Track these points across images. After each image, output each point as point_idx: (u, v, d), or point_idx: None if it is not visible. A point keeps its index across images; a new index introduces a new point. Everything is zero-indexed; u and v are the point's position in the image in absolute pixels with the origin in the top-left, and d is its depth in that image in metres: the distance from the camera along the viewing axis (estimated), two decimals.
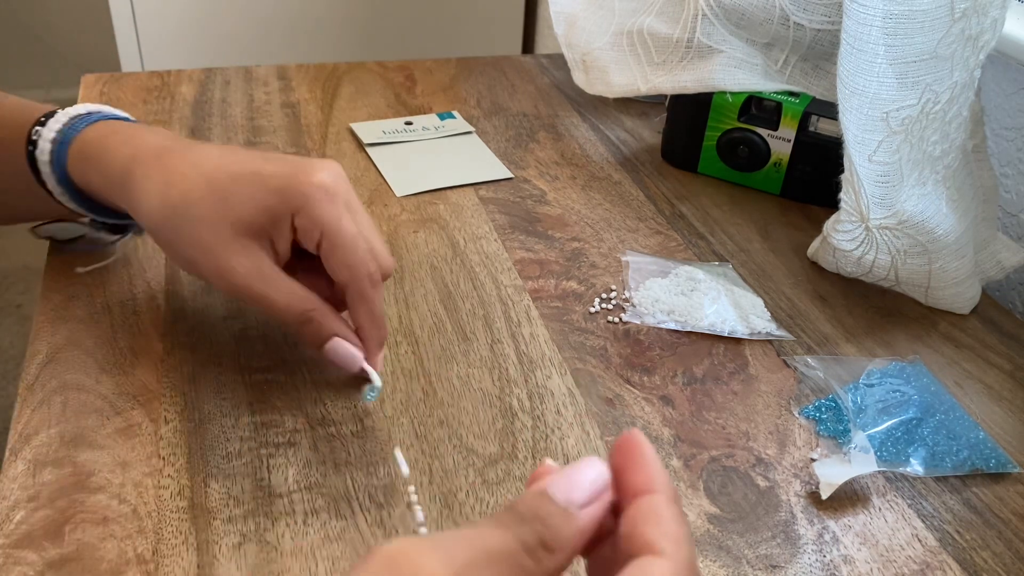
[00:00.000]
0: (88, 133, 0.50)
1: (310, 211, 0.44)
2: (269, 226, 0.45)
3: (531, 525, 0.25)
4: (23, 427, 0.45)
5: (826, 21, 0.69)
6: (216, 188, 0.45)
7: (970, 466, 0.47)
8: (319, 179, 0.44)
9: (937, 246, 0.57)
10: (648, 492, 0.27)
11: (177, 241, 0.46)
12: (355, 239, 0.45)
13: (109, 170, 0.48)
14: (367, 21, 1.47)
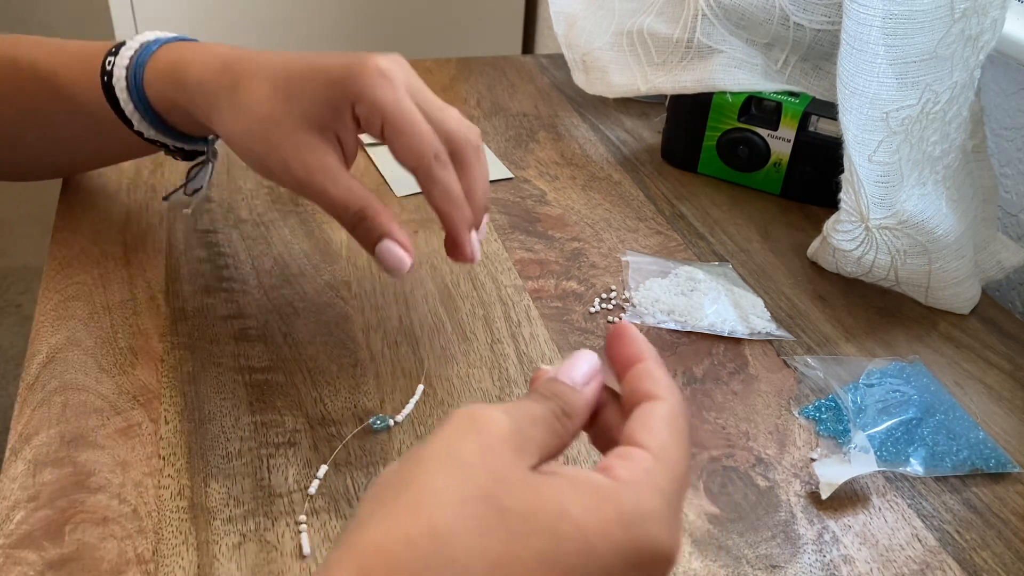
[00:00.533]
0: (161, 53, 0.51)
1: (368, 97, 0.44)
2: (332, 119, 0.45)
3: (554, 400, 0.31)
4: (23, 427, 0.45)
5: (826, 21, 0.69)
6: (279, 88, 0.46)
7: (970, 466, 0.47)
8: (375, 64, 0.44)
9: (937, 246, 0.57)
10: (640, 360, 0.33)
11: (248, 140, 0.46)
12: (416, 121, 0.44)
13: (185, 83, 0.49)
14: (367, 21, 1.47)
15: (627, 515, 0.27)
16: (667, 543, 0.28)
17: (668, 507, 0.28)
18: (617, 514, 0.27)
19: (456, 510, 0.26)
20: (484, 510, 0.26)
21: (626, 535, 0.27)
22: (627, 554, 0.27)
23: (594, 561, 0.27)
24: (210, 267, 0.58)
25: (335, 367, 0.51)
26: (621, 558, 0.27)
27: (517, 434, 0.29)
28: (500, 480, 0.27)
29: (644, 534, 0.27)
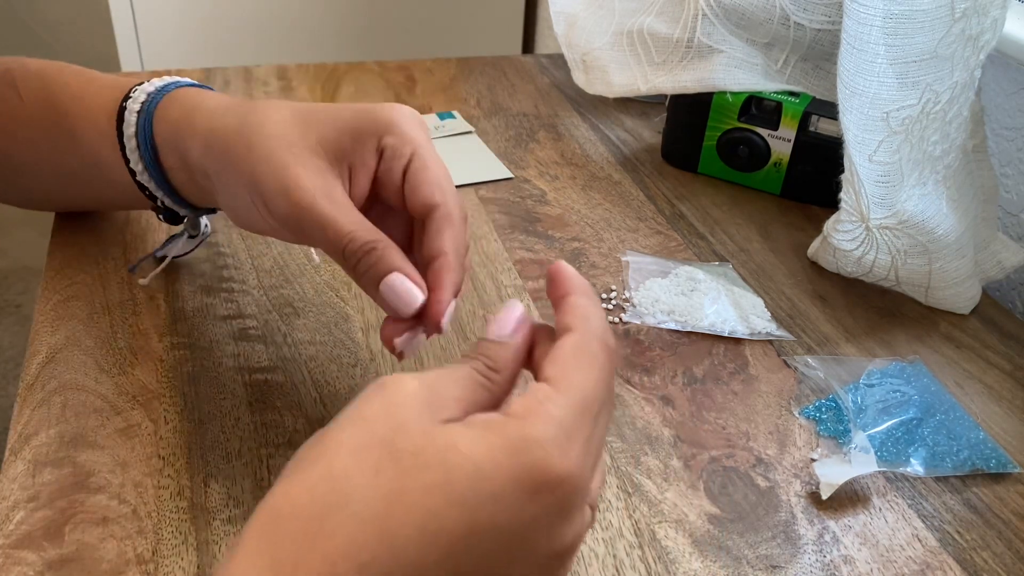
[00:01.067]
0: (172, 98, 0.48)
1: (400, 130, 0.42)
2: (351, 149, 0.42)
3: (479, 358, 0.33)
4: (23, 427, 0.45)
5: (826, 21, 0.69)
6: (298, 112, 0.43)
7: (970, 466, 0.47)
8: (402, 108, 0.43)
9: (937, 246, 0.57)
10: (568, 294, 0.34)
11: (245, 157, 0.42)
12: (442, 163, 0.42)
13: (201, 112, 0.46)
14: (367, 21, 1.47)
15: (513, 442, 0.28)
16: (558, 466, 0.29)
17: (561, 431, 0.29)
18: (503, 441, 0.28)
19: (352, 456, 0.28)
20: (379, 454, 0.28)
21: (513, 461, 0.28)
22: (518, 480, 0.28)
23: (485, 487, 0.28)
24: (210, 267, 0.58)
25: (335, 367, 0.51)
26: (512, 484, 0.28)
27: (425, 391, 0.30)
28: (398, 429, 0.29)
29: (530, 459, 0.28)
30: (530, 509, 0.29)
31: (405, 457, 0.28)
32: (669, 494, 0.45)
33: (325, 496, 0.27)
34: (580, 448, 0.30)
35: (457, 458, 0.28)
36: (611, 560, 0.41)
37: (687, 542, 0.42)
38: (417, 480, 0.28)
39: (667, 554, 0.42)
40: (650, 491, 0.45)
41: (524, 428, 0.29)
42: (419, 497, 0.28)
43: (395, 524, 0.27)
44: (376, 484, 0.28)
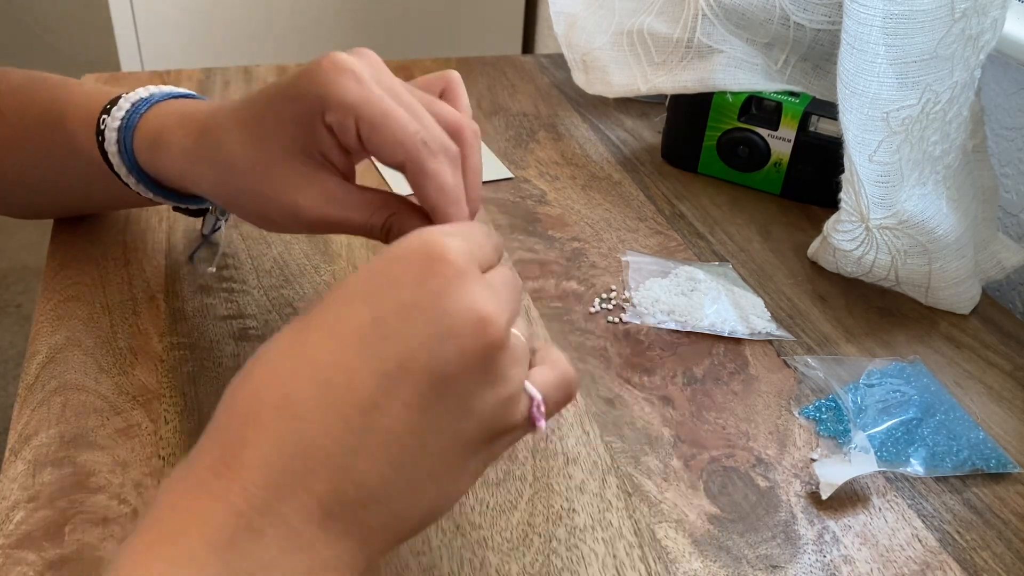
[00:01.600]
0: (146, 120, 0.47)
1: (333, 98, 0.38)
2: (309, 141, 0.40)
3: None
4: (23, 427, 0.45)
5: (826, 21, 0.69)
6: (250, 131, 0.41)
7: (970, 466, 0.47)
8: (331, 62, 0.38)
9: (937, 246, 0.57)
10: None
11: (246, 202, 0.43)
12: (390, 108, 0.38)
13: (170, 151, 0.45)
14: (367, 21, 1.47)
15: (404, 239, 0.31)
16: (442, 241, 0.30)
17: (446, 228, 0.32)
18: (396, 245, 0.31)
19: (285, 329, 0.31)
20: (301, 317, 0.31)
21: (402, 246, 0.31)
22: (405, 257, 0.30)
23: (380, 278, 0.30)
24: (210, 267, 0.58)
25: None
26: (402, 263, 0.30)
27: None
28: None
29: (418, 241, 0.31)
30: (429, 281, 0.30)
31: (310, 306, 0.31)
32: (669, 494, 0.45)
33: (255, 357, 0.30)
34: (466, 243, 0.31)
35: (351, 275, 0.31)
36: (611, 560, 0.41)
37: (687, 542, 0.42)
38: (321, 305, 0.30)
39: (667, 554, 0.42)
40: (650, 491, 0.45)
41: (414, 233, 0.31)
42: (322, 313, 0.30)
43: (306, 343, 0.30)
44: (288, 329, 0.30)
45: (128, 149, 0.47)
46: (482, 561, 0.40)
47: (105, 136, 0.48)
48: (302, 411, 0.28)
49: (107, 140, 0.48)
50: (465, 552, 0.41)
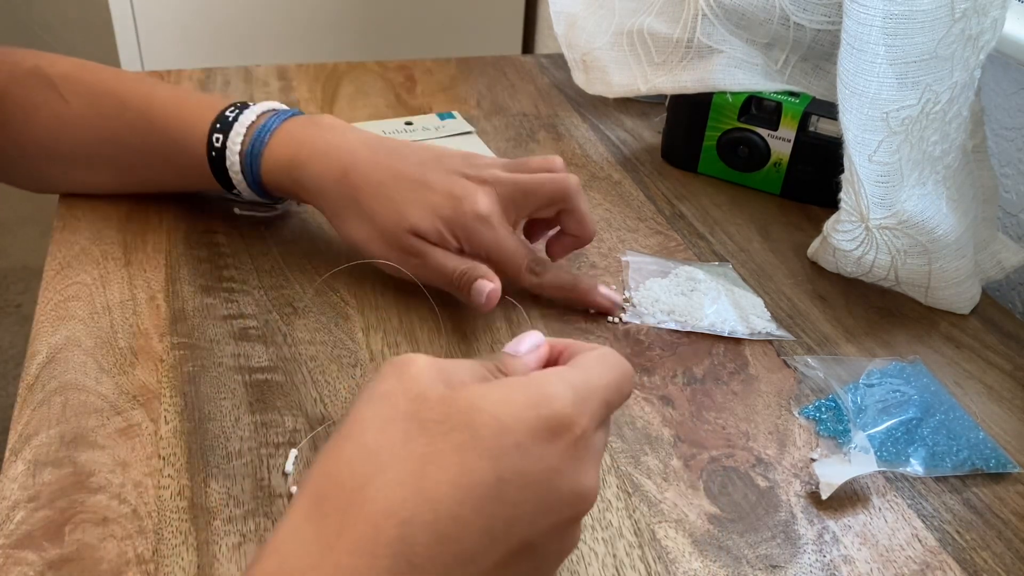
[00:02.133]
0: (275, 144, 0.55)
1: (473, 240, 0.52)
2: (436, 237, 0.52)
3: (491, 360, 0.36)
4: (23, 427, 0.45)
5: (826, 21, 0.69)
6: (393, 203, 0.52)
7: (970, 466, 0.47)
8: (474, 210, 0.52)
9: (937, 246, 0.57)
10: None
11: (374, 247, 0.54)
12: (509, 249, 0.53)
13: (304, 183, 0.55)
14: (367, 21, 1.47)
15: (533, 398, 0.32)
16: (571, 412, 0.32)
17: (574, 391, 0.33)
18: (523, 398, 0.31)
19: (381, 430, 0.31)
20: (406, 425, 0.31)
21: (533, 414, 0.31)
22: (537, 430, 0.31)
23: (509, 439, 0.31)
24: (210, 267, 0.58)
25: (335, 367, 0.51)
26: (533, 434, 0.31)
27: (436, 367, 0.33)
28: (419, 399, 0.31)
29: (548, 410, 0.31)
30: (551, 454, 0.31)
31: (431, 425, 0.31)
32: (669, 494, 0.45)
33: (362, 467, 0.30)
34: (591, 409, 0.33)
35: (482, 417, 0.31)
36: (611, 560, 0.41)
37: (687, 542, 0.42)
38: (446, 441, 0.30)
39: (667, 554, 0.42)
40: (650, 491, 0.45)
41: (542, 386, 0.32)
42: (450, 456, 0.30)
43: (430, 482, 0.30)
44: (408, 451, 0.30)
45: (255, 173, 0.56)
46: None
47: (226, 157, 0.55)
48: (415, 556, 0.29)
49: (229, 161, 0.56)
50: None
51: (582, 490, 0.32)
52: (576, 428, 0.32)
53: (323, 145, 0.54)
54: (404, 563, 0.29)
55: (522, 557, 0.32)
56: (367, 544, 0.29)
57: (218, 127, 0.55)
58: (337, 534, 0.29)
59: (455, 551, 0.30)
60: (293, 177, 0.55)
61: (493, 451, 0.30)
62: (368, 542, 0.29)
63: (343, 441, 0.31)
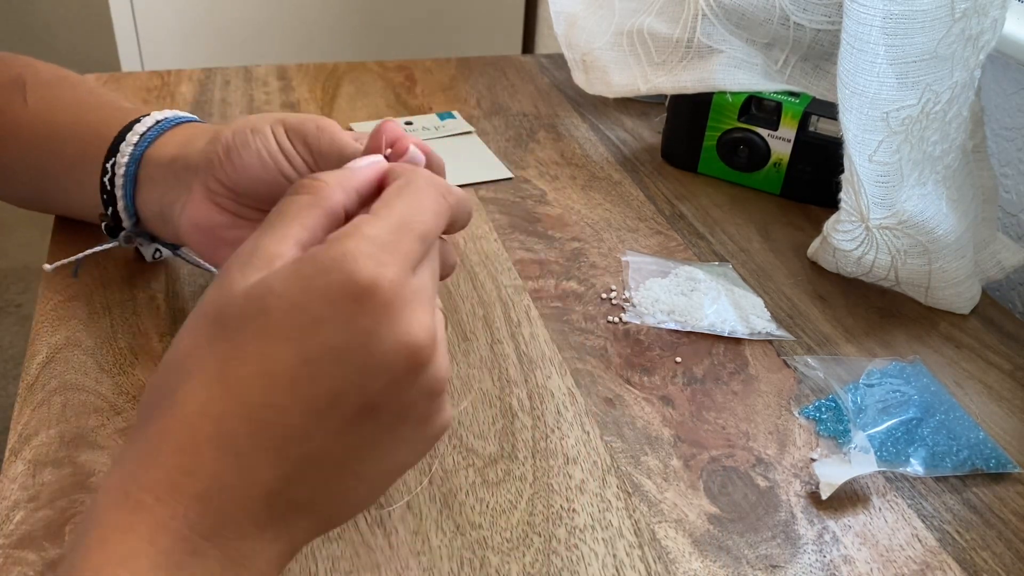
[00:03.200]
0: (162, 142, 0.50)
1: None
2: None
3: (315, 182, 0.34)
4: (23, 427, 0.45)
5: (826, 21, 0.69)
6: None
7: (970, 466, 0.47)
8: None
9: (937, 246, 0.57)
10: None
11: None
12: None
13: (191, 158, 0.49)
14: (367, 21, 1.47)
15: (323, 264, 0.30)
16: (370, 272, 0.29)
17: (374, 245, 0.30)
18: (313, 268, 0.30)
19: (190, 337, 0.31)
20: (210, 329, 0.30)
21: (325, 280, 0.29)
22: (333, 297, 0.29)
23: (305, 316, 0.29)
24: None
25: None
26: (329, 302, 0.29)
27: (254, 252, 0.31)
28: (221, 299, 0.31)
29: (341, 274, 0.29)
30: (358, 321, 0.29)
31: (230, 321, 0.30)
32: (669, 494, 0.45)
33: (174, 375, 0.30)
34: (398, 258, 0.31)
35: (272, 298, 0.30)
36: (611, 560, 0.41)
37: (687, 542, 0.42)
38: (243, 333, 0.30)
39: (667, 554, 0.42)
40: (650, 491, 0.45)
41: (332, 248, 0.30)
42: (249, 347, 0.30)
43: (233, 377, 0.30)
44: (211, 351, 0.30)
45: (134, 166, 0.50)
46: (482, 561, 0.40)
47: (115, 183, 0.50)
48: (238, 447, 0.29)
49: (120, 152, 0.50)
50: (465, 552, 0.41)
51: (409, 340, 0.30)
52: (382, 282, 0.29)
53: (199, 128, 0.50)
54: (229, 454, 0.29)
55: (365, 420, 0.31)
56: (187, 443, 0.29)
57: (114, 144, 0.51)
58: (159, 438, 0.30)
59: (281, 434, 0.30)
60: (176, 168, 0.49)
61: (290, 332, 0.29)
62: (187, 441, 0.29)
63: (167, 352, 0.32)
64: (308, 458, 0.30)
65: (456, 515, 0.43)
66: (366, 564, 0.40)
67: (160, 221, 0.50)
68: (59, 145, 0.53)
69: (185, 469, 0.29)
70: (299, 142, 0.45)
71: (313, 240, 0.32)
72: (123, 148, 0.50)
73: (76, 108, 0.54)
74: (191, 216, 0.47)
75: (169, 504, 0.29)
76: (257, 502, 0.30)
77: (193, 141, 0.48)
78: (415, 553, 0.41)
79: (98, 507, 0.29)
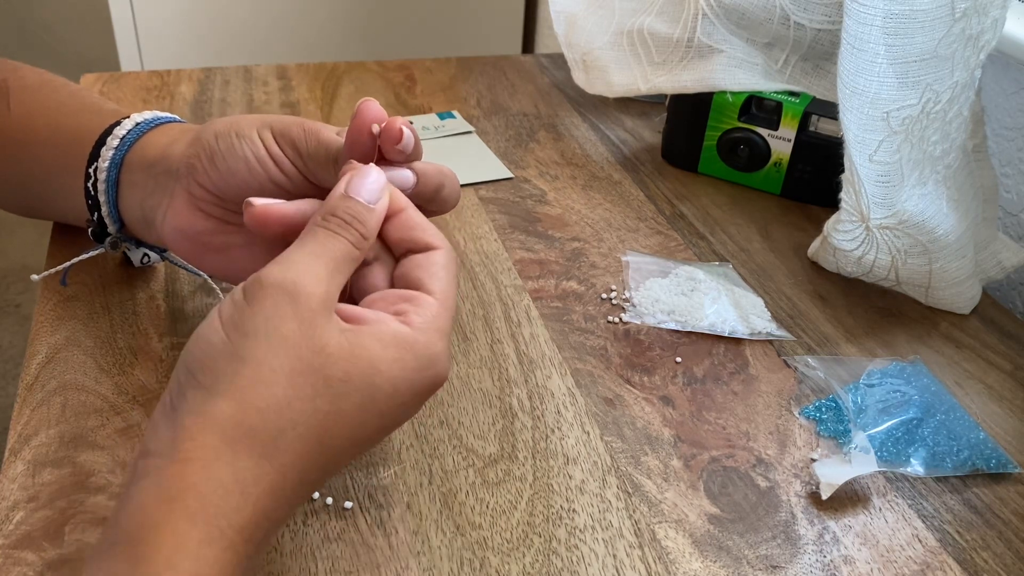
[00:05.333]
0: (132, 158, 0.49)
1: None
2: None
3: (351, 228, 0.37)
4: (23, 427, 0.45)
5: (826, 21, 0.69)
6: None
7: (970, 466, 0.47)
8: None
9: (937, 246, 0.57)
10: (400, 211, 0.40)
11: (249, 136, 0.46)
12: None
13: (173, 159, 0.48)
14: (367, 21, 1.47)
15: (422, 360, 0.36)
16: (447, 371, 0.37)
17: (448, 343, 0.37)
18: (416, 362, 0.35)
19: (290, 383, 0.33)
20: (313, 380, 0.33)
21: (422, 376, 0.36)
22: (420, 389, 0.36)
23: (398, 399, 0.35)
24: None
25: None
26: (415, 393, 0.36)
27: (328, 299, 0.35)
28: (322, 353, 0.34)
29: (434, 373, 0.36)
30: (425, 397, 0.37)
31: (336, 384, 0.34)
32: (669, 494, 0.45)
33: (276, 420, 0.33)
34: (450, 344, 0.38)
35: (379, 380, 0.35)
36: (611, 560, 0.41)
37: (687, 542, 0.42)
38: (348, 402, 0.34)
39: (667, 554, 0.42)
40: (650, 491, 0.45)
41: (429, 346, 0.36)
42: (349, 415, 0.34)
43: (332, 439, 0.34)
44: (315, 408, 0.33)
45: (112, 191, 0.50)
46: (482, 561, 0.40)
47: (98, 187, 0.49)
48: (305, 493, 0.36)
49: (101, 156, 0.49)
50: (465, 552, 0.41)
51: (437, 389, 0.38)
52: (448, 374, 0.37)
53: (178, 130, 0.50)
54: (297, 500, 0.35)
55: (384, 434, 0.38)
56: (277, 490, 0.33)
57: (98, 144, 0.50)
58: (255, 481, 0.32)
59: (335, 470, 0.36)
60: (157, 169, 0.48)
61: (385, 410, 0.35)
62: (277, 488, 0.33)
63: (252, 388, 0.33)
64: (335, 473, 0.37)
65: (456, 515, 0.43)
66: (366, 564, 0.40)
67: (143, 225, 0.49)
68: (41, 151, 0.53)
69: (266, 513, 0.33)
70: (287, 146, 0.44)
71: (344, 280, 0.37)
72: (103, 153, 0.49)
73: (56, 113, 0.53)
74: (174, 223, 0.46)
75: (251, 544, 0.32)
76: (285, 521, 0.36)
77: (173, 144, 0.47)
78: (415, 553, 0.41)
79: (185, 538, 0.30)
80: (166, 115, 0.52)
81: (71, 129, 0.52)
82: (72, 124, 0.52)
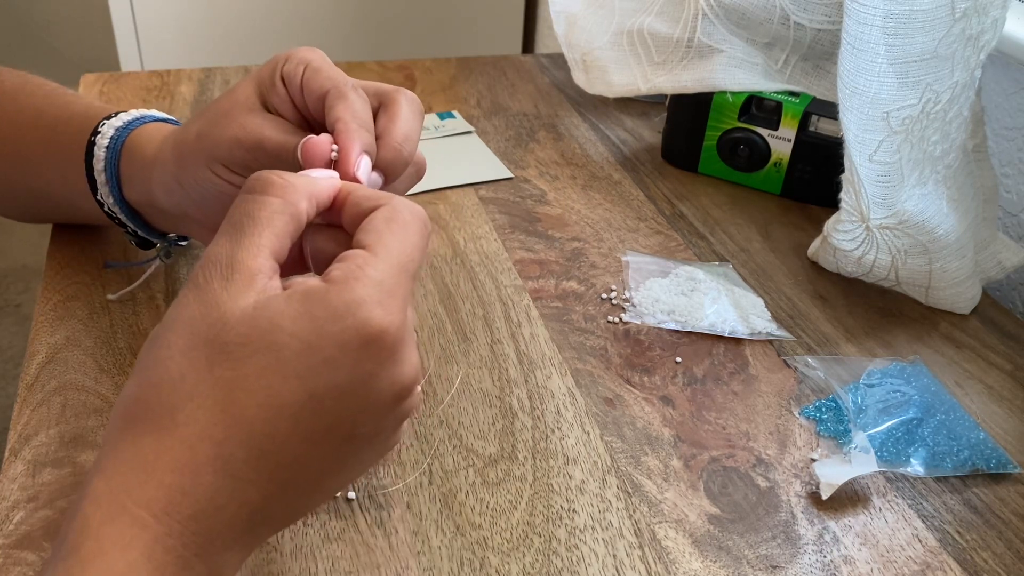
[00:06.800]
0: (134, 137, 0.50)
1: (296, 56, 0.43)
2: (267, 88, 0.44)
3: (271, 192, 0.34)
4: (23, 427, 0.45)
5: (826, 21, 0.69)
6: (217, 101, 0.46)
7: (971, 466, 0.47)
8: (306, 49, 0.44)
9: (937, 246, 0.57)
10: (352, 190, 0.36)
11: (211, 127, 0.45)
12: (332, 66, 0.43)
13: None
14: (367, 21, 1.47)
15: (336, 309, 0.31)
16: (381, 320, 0.31)
17: (382, 291, 0.32)
18: (326, 311, 0.31)
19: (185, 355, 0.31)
20: (209, 351, 0.31)
21: (339, 326, 0.31)
22: (345, 342, 0.31)
23: (316, 356, 0.31)
24: None
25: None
26: (341, 346, 0.31)
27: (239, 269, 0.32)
28: (219, 323, 0.31)
29: (354, 321, 0.31)
30: (364, 364, 0.31)
31: (234, 349, 0.31)
32: (669, 494, 0.45)
33: (170, 395, 0.31)
34: (400, 302, 0.33)
35: (283, 337, 0.31)
36: (611, 560, 0.41)
37: (687, 542, 0.42)
38: (250, 365, 0.31)
39: (667, 554, 0.42)
40: (650, 491, 0.45)
41: (344, 293, 0.31)
42: (255, 380, 0.31)
43: (239, 407, 0.31)
44: (214, 377, 0.31)
45: (114, 162, 0.50)
46: (482, 561, 0.40)
47: (95, 155, 0.50)
48: (235, 471, 0.31)
49: (95, 157, 0.50)
50: (465, 552, 0.41)
51: (403, 380, 0.33)
52: (389, 329, 0.32)
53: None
54: (226, 477, 0.31)
55: (347, 445, 0.33)
56: (186, 463, 0.30)
57: (97, 130, 0.51)
58: (155, 456, 0.30)
59: (276, 461, 0.31)
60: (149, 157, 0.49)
61: (300, 370, 0.31)
62: (187, 461, 0.30)
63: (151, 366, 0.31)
64: (293, 480, 0.32)
65: (456, 515, 0.43)
66: (366, 564, 0.40)
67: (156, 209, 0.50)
68: (28, 165, 0.53)
69: (183, 489, 0.30)
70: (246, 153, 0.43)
71: (282, 249, 0.33)
72: (100, 189, 0.50)
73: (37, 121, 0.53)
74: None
75: (166, 522, 0.30)
76: (243, 520, 0.32)
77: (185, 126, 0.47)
78: (415, 553, 0.41)
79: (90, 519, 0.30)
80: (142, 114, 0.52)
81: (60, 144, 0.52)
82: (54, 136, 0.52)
